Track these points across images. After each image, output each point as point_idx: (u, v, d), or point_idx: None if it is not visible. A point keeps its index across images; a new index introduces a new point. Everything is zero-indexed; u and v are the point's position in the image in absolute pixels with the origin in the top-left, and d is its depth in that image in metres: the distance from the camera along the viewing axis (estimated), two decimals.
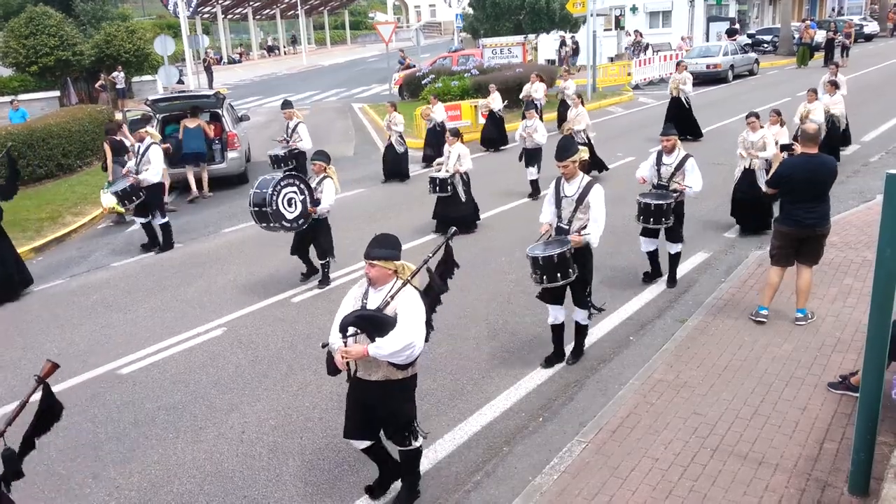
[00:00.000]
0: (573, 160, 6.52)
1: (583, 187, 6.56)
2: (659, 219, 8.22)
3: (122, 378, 7.56)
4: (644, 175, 8.66)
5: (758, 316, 7.40)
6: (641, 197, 8.35)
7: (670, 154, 8.41)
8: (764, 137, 9.84)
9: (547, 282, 6.44)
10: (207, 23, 58.77)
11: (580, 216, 6.56)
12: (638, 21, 39.75)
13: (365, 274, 4.76)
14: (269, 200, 8.87)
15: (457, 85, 21.74)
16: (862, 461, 4.69)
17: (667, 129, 8.48)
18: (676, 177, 8.34)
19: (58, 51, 26.77)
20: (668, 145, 8.38)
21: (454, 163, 11.12)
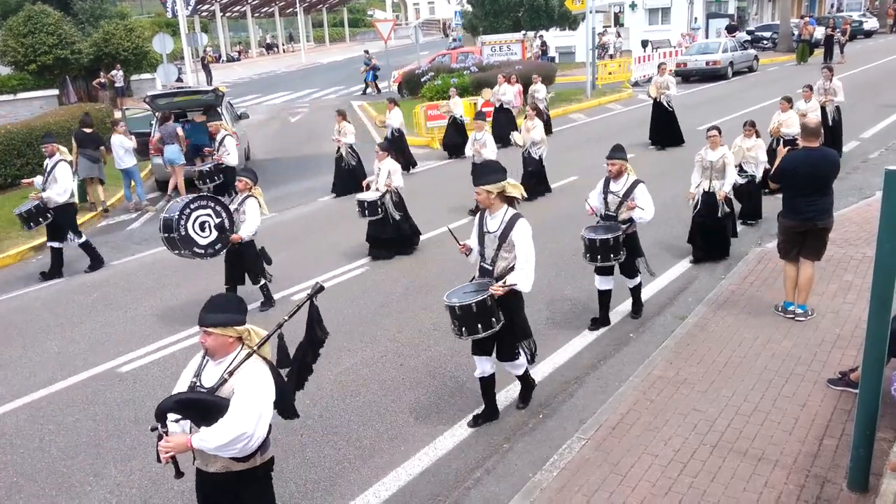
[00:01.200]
0: (487, 189, 5.56)
1: (506, 222, 5.59)
2: (607, 255, 7.27)
3: (122, 376, 7.56)
4: (594, 205, 7.66)
5: (786, 312, 7.36)
6: (585, 231, 7.41)
7: (617, 180, 7.43)
8: (724, 157, 8.89)
9: (466, 334, 5.62)
10: (206, 21, 58.71)
11: (504, 255, 5.64)
12: (637, 18, 39.74)
13: (200, 343, 3.90)
14: (176, 225, 8.05)
15: (456, 82, 21.72)
16: (861, 457, 4.70)
17: (613, 150, 7.48)
18: (625, 206, 7.42)
19: (56, 49, 26.71)
20: (614, 170, 7.38)
21: (384, 181, 10.22)
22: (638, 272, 7.66)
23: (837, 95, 13.31)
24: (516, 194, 5.70)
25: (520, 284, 5.60)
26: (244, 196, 8.50)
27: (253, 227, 8.46)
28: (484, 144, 12.03)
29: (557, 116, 22.45)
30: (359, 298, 9.11)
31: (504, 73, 19.55)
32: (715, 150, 8.94)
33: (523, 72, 23.38)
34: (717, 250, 9.37)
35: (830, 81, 13.32)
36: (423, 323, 8.22)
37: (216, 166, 13.09)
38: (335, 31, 75.34)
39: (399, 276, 9.80)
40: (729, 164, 8.92)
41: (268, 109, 28.51)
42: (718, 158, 8.91)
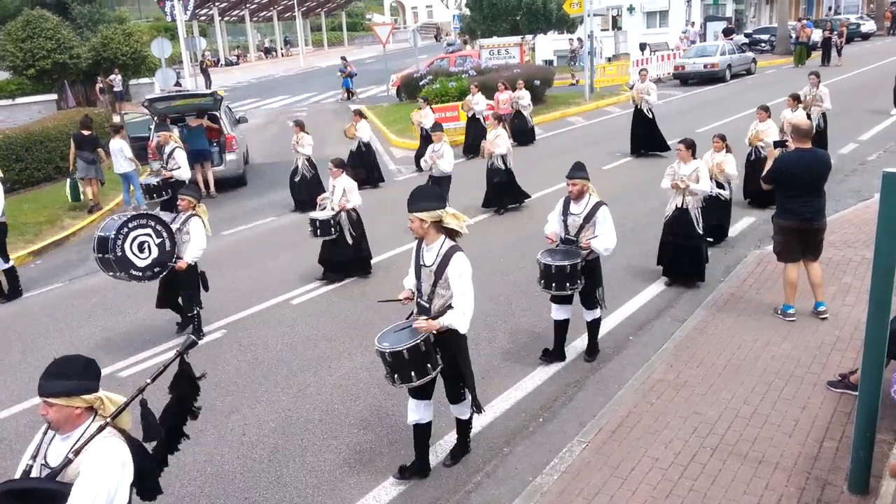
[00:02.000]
0: (420, 217, 4.98)
1: (442, 256, 5.02)
2: (563, 284, 6.58)
3: (121, 381, 7.55)
4: (553, 228, 7.00)
5: (787, 316, 7.33)
6: (541, 256, 6.73)
7: (578, 201, 6.73)
8: (697, 170, 8.30)
9: (400, 381, 5.08)
10: (204, 25, 58.82)
11: (441, 292, 5.06)
12: (635, 21, 39.80)
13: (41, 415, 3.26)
14: (111, 245, 7.50)
15: (454, 86, 21.75)
16: (861, 459, 4.70)
17: (573, 170, 6.76)
18: (586, 230, 6.68)
19: (55, 54, 26.74)
20: (574, 191, 6.68)
21: (339, 199, 9.53)
22: (598, 304, 6.91)
23: (824, 102, 12.95)
24: (455, 226, 5.08)
25: (454, 324, 5.02)
26: (187, 215, 7.96)
27: (198, 250, 7.93)
28: (441, 156, 11.31)
29: (556, 119, 22.50)
30: (358, 301, 9.12)
31: (475, 82, 19.02)
32: (687, 164, 8.38)
33: (521, 75, 23.45)
34: (689, 273, 8.67)
35: (817, 88, 13.02)
36: None
37: (165, 181, 12.21)
38: (333, 34, 75.48)
39: (398, 279, 9.77)
40: (703, 177, 8.34)
41: (266, 113, 28.52)
42: (691, 172, 8.33)
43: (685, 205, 8.40)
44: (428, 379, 5.12)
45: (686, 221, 8.41)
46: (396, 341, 5.05)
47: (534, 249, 7.38)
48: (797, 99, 11.77)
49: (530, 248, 10.20)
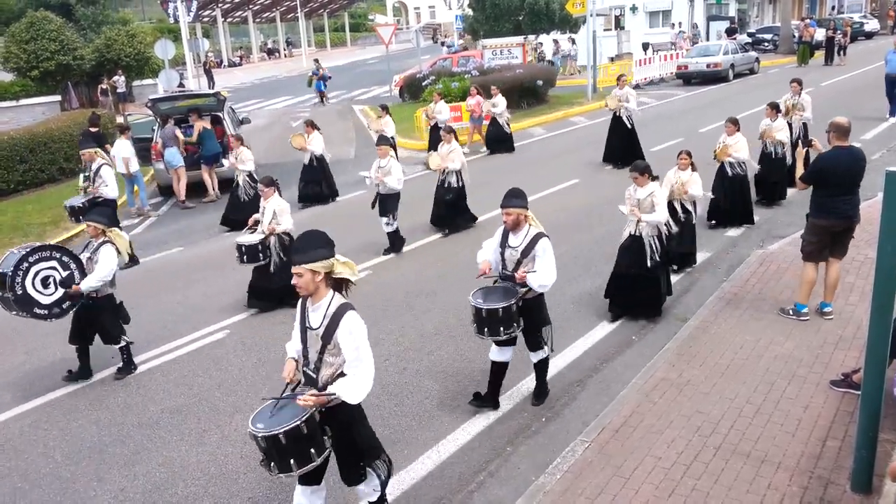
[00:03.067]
0: (311, 268, 4.13)
1: (330, 316, 4.22)
2: (496, 328, 5.79)
3: (125, 381, 7.58)
4: (488, 259, 6.15)
5: (800, 316, 7.27)
6: (473, 296, 5.97)
7: (516, 232, 5.95)
8: (653, 195, 7.54)
9: (277, 470, 4.20)
10: (207, 26, 58.91)
11: (329, 360, 4.24)
12: (638, 20, 39.80)
13: None
14: (10, 283, 6.82)
15: (457, 86, 21.76)
16: (864, 458, 4.70)
17: (508, 197, 5.91)
18: (525, 265, 5.91)
19: (58, 55, 26.85)
20: (510, 221, 5.88)
21: (268, 222, 8.77)
22: (544, 344, 6.19)
23: (805, 111, 12.21)
24: (348, 275, 4.34)
25: (343, 395, 4.13)
26: (98, 243, 7.29)
27: (97, 280, 7.16)
28: (388, 172, 10.26)
29: (558, 120, 22.48)
30: (360, 303, 9.06)
31: (437, 91, 18.41)
32: (643, 188, 7.59)
33: (524, 76, 23.46)
34: (643, 307, 7.85)
35: (799, 96, 12.26)
36: (424, 327, 8.23)
37: (91, 200, 11.15)
38: (336, 35, 75.54)
39: (401, 279, 9.81)
40: (659, 204, 7.54)
41: (269, 114, 28.55)
42: (646, 197, 7.57)
43: (638, 231, 7.66)
44: (312, 467, 4.24)
45: (638, 250, 7.63)
46: (274, 423, 4.11)
47: None
48: (776, 108, 11.17)
49: None
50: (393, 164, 10.33)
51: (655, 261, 7.63)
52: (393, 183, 10.25)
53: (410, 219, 11.68)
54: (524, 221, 5.93)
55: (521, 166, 16.29)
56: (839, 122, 6.99)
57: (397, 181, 10.26)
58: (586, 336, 7.68)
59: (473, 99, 18.10)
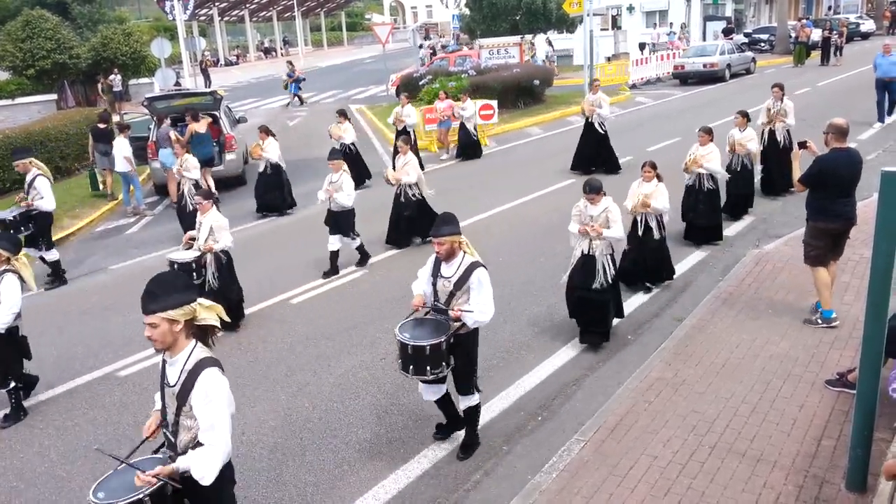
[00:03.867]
0: (169, 317, 3.52)
1: (187, 373, 3.60)
2: (422, 368, 5.28)
3: (121, 380, 7.57)
4: (422, 292, 5.62)
5: (829, 322, 7.10)
6: (401, 329, 5.44)
7: (449, 262, 5.40)
8: (608, 211, 7.08)
9: None
10: (204, 25, 58.83)
11: (187, 423, 3.66)
12: (635, 20, 39.85)
13: None
14: None
15: (454, 86, 21.75)
16: (859, 457, 4.71)
17: (438, 225, 5.35)
18: (459, 297, 5.37)
19: (54, 54, 26.77)
20: (443, 251, 5.33)
21: (205, 239, 8.26)
22: (474, 388, 5.61)
23: (788, 117, 11.77)
24: (213, 321, 3.73)
25: (194, 471, 3.55)
26: (1, 270, 6.66)
27: (8, 313, 6.60)
28: (340, 188, 9.66)
29: (555, 119, 22.49)
30: (357, 301, 9.12)
31: (404, 94, 17.86)
32: (596, 205, 7.14)
33: (521, 75, 23.47)
34: (596, 328, 7.35)
35: (781, 101, 11.82)
36: None
37: (25, 213, 10.40)
38: (333, 34, 75.47)
39: (398, 277, 9.80)
40: (615, 221, 7.10)
41: (266, 113, 28.49)
42: (600, 213, 7.12)
43: (592, 250, 7.19)
44: None
45: (591, 271, 7.17)
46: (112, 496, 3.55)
47: None
48: (746, 116, 10.58)
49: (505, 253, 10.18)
50: (345, 179, 9.74)
51: (605, 282, 7.14)
52: (343, 199, 9.63)
53: None
54: (458, 249, 5.38)
55: (517, 166, 16.30)
56: (838, 123, 6.89)
57: (347, 197, 9.65)
58: (574, 343, 7.68)
59: (443, 103, 17.60)
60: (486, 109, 19.01)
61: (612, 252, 7.28)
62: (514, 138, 19.74)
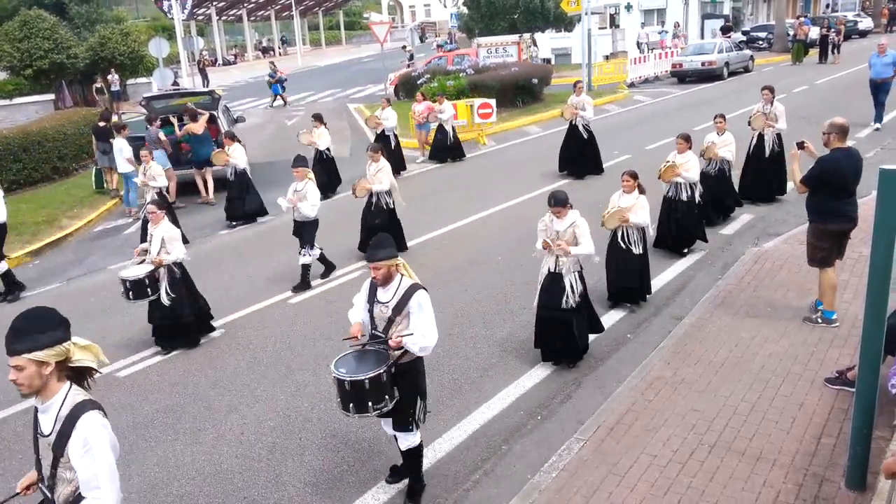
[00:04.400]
0: (36, 358, 3.10)
1: (63, 420, 3.20)
2: (363, 402, 4.77)
3: (119, 381, 7.56)
4: (359, 320, 5.14)
5: (830, 322, 7.08)
6: (336, 364, 4.90)
7: (386, 287, 4.96)
8: (575, 226, 6.58)
9: None
10: (202, 24, 58.77)
11: (67, 475, 3.23)
12: (633, 18, 39.86)
13: None
14: None
15: (452, 84, 21.76)
16: (859, 455, 4.72)
17: (373, 248, 4.92)
18: (398, 322, 4.91)
19: (52, 54, 26.74)
20: (379, 276, 4.88)
21: (156, 252, 7.78)
22: (413, 425, 5.08)
23: (779, 122, 11.07)
24: (90, 362, 3.39)
25: None
26: None
27: None
28: (304, 197, 9.24)
29: (553, 118, 22.47)
30: None
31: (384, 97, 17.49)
32: (562, 219, 6.65)
33: (519, 74, 23.47)
34: (565, 349, 6.93)
35: (772, 105, 11.11)
36: None
37: None
38: (331, 34, 75.41)
39: None
40: (583, 235, 6.59)
41: (264, 113, 28.49)
42: (567, 228, 6.61)
43: (559, 268, 6.76)
44: None
45: (558, 290, 6.74)
46: None
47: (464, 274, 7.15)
48: (688, 140, 9.26)
49: None
50: (310, 188, 9.31)
51: (572, 302, 6.71)
52: (307, 209, 9.22)
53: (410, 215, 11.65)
54: (395, 272, 4.98)
55: (515, 165, 16.28)
56: (841, 122, 6.80)
57: (311, 207, 9.25)
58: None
59: (421, 105, 17.16)
60: (485, 108, 19.01)
61: (580, 269, 6.84)
62: (513, 137, 19.74)
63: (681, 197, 9.37)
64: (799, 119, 17.57)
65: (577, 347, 6.95)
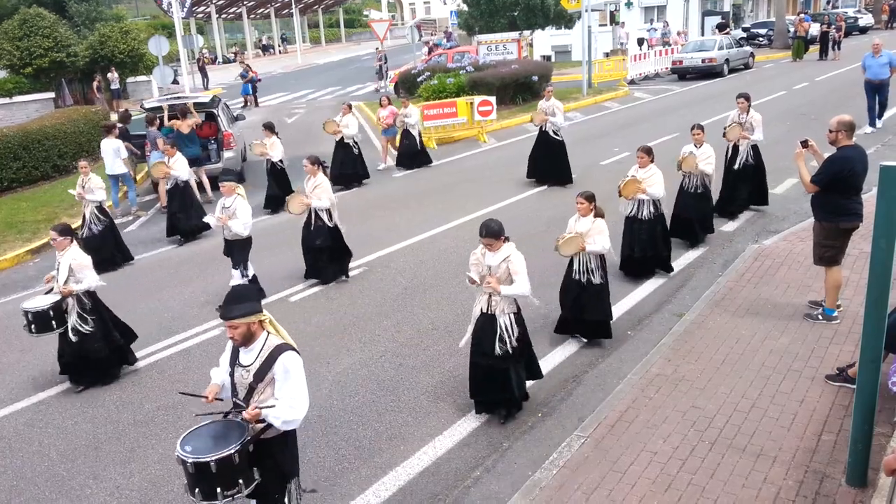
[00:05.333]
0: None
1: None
2: (211, 488, 4.01)
3: (120, 378, 7.56)
4: (219, 379, 4.43)
5: (831, 320, 7.08)
6: (181, 443, 4.12)
7: (248, 347, 4.20)
8: (509, 261, 5.77)
9: None
10: (202, 22, 58.68)
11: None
12: (633, 15, 39.79)
13: None
14: None
15: (452, 82, 21.74)
16: (859, 452, 4.72)
17: (227, 303, 4.14)
18: (262, 391, 4.14)
19: (52, 52, 26.73)
20: (237, 335, 4.13)
21: (63, 281, 7.09)
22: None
23: (755, 132, 10.31)
24: None
25: None
26: None
27: None
28: (233, 215, 8.55)
29: None
30: (357, 298, 9.11)
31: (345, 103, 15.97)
32: (494, 252, 5.85)
33: (519, 71, 23.44)
34: (498, 398, 6.11)
35: (748, 114, 10.38)
36: (421, 322, 8.22)
37: None
38: (331, 31, 75.31)
39: (397, 275, 9.80)
40: (516, 271, 5.76)
41: (264, 111, 28.47)
42: (500, 263, 5.81)
43: (492, 309, 5.95)
44: None
45: (491, 333, 5.95)
46: None
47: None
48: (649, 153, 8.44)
49: None
50: (239, 203, 8.58)
51: (508, 348, 5.90)
52: (237, 227, 8.50)
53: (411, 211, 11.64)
54: (259, 330, 4.20)
55: (514, 162, 16.26)
56: (849, 119, 6.72)
57: (242, 225, 8.51)
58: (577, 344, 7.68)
59: (385, 110, 16.29)
60: (485, 105, 18.98)
61: (516, 310, 6.01)
62: (513, 134, 19.71)
63: (642, 216, 8.53)
64: (800, 116, 17.58)
65: (513, 398, 6.08)
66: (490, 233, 5.77)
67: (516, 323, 5.99)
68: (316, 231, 9.39)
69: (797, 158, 7.08)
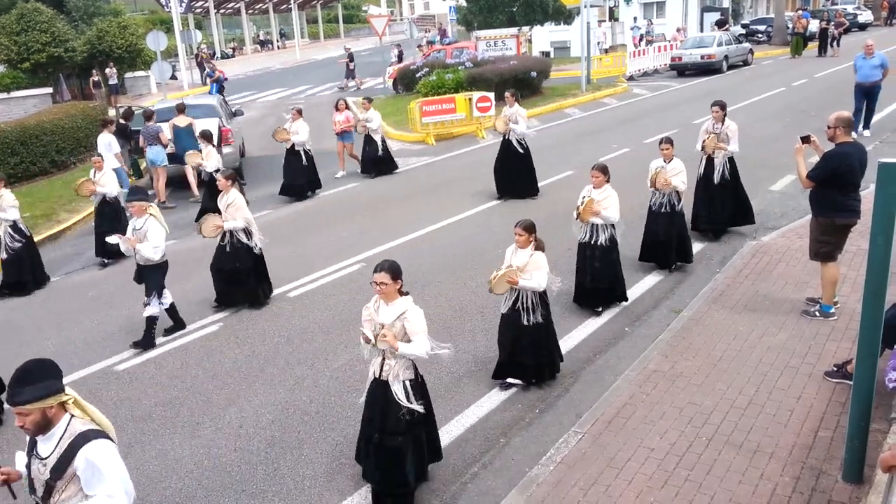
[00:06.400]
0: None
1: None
2: None
3: (118, 374, 7.56)
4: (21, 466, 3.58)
5: (828, 316, 7.09)
6: None
7: (46, 434, 3.32)
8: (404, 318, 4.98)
9: None
10: (200, 18, 58.55)
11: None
12: (632, 12, 39.77)
13: None
14: None
15: (451, 78, 21.71)
16: (856, 448, 4.73)
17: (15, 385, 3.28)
18: (62, 490, 3.28)
19: (49, 47, 26.68)
20: (28, 423, 3.26)
21: None
22: None
23: (730, 143, 9.46)
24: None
25: None
26: None
27: None
28: (144, 237, 7.72)
29: (553, 111, 22.44)
30: (356, 294, 9.10)
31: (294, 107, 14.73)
32: (391, 305, 5.12)
33: (518, 67, 23.41)
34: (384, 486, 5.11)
35: (722, 123, 9.54)
36: None
37: None
38: (329, 27, 75.17)
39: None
40: (413, 331, 4.93)
41: (262, 106, 28.42)
42: (395, 319, 5.03)
43: (384, 373, 5.03)
44: None
45: (384, 402, 5.04)
46: None
47: None
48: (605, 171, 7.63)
49: None
50: (151, 225, 7.73)
51: (403, 420, 4.95)
52: (148, 252, 7.66)
53: (409, 210, 11.61)
54: (59, 415, 3.32)
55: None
56: (847, 116, 6.76)
57: (153, 249, 7.67)
58: (580, 327, 7.69)
59: (341, 114, 15.12)
60: (484, 101, 18.95)
61: (413, 377, 5.04)
62: None
63: (598, 241, 7.74)
64: (799, 113, 17.59)
65: (405, 482, 5.00)
66: (388, 273, 4.93)
67: (413, 391, 4.98)
68: (233, 253, 8.63)
69: (796, 154, 7.10)
